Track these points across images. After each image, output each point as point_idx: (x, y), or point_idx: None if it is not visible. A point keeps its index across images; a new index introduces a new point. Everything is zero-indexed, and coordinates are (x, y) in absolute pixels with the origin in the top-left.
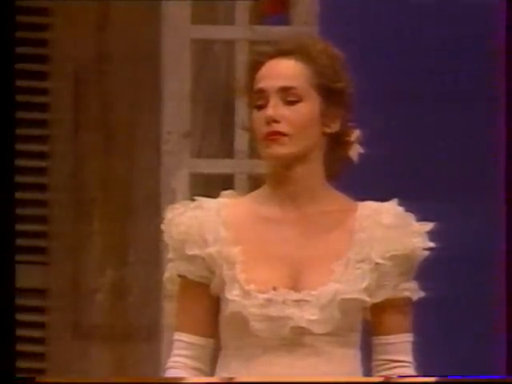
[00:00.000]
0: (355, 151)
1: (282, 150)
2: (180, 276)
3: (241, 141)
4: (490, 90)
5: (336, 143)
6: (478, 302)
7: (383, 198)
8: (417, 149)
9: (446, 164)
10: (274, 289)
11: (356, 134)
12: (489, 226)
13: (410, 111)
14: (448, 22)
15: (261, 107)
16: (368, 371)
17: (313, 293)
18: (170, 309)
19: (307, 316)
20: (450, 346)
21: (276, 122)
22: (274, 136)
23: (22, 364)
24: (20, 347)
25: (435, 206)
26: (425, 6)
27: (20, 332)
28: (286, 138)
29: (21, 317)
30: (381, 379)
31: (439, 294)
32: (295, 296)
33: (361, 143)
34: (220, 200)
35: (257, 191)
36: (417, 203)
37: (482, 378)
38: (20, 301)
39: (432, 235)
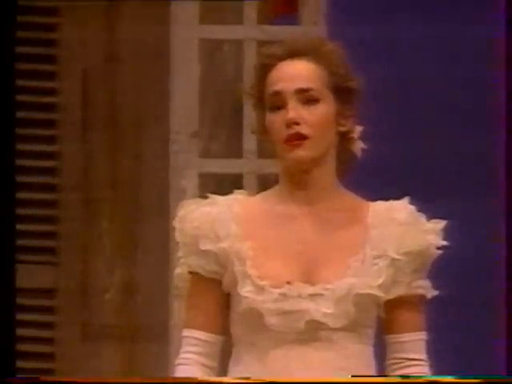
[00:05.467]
0: (358, 147)
1: (304, 154)
2: (191, 272)
3: (249, 141)
4: (490, 92)
5: (342, 140)
6: (478, 302)
7: (384, 199)
8: (418, 150)
9: (447, 164)
10: (288, 283)
11: (358, 130)
12: (489, 226)
13: (414, 111)
14: (449, 22)
15: (277, 110)
16: (381, 369)
17: (328, 286)
18: (179, 308)
19: (323, 309)
20: (450, 345)
21: (297, 124)
22: (296, 140)
23: (30, 364)
24: (29, 347)
25: (436, 206)
26: (431, 5)
27: (29, 332)
28: (307, 142)
29: (30, 317)
30: (397, 378)
31: (438, 294)
32: (310, 290)
33: (362, 139)
34: (233, 197)
35: (269, 190)
36: (416, 203)
37: (482, 378)
38: (29, 301)
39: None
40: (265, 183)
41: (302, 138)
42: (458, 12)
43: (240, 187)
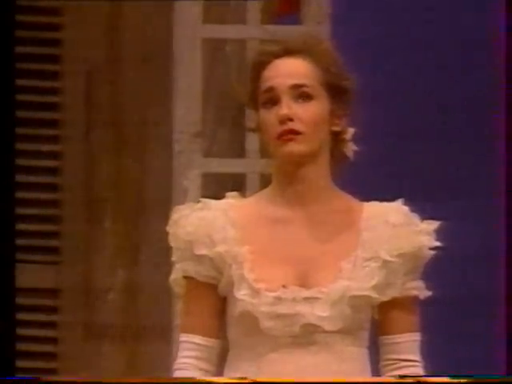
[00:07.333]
0: (350, 149)
1: (297, 147)
2: (187, 277)
3: (252, 140)
4: (490, 91)
5: (335, 141)
6: (478, 302)
7: (382, 199)
8: (417, 150)
9: (446, 164)
10: (284, 287)
11: (351, 132)
12: (488, 226)
13: (414, 110)
14: (451, 22)
15: (270, 106)
16: (375, 371)
17: (323, 290)
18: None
19: (318, 313)
20: (450, 345)
21: (290, 120)
22: (290, 135)
23: (33, 364)
24: (31, 347)
25: (434, 207)
26: (434, 3)
27: (32, 332)
28: (300, 136)
29: (33, 316)
30: (392, 379)
31: (438, 294)
32: (305, 293)
33: (355, 141)
34: (226, 201)
35: (263, 191)
36: (415, 204)
37: (482, 378)
38: (31, 301)
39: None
40: (267, 183)
41: (295, 133)
42: (459, 12)
43: (243, 187)
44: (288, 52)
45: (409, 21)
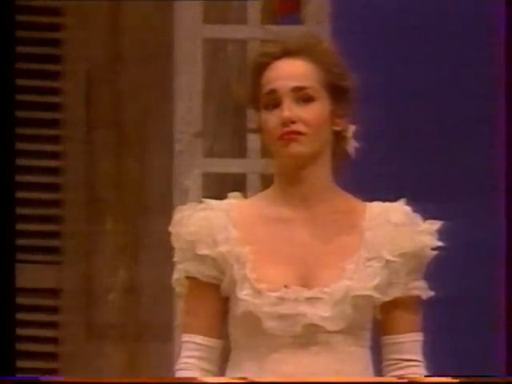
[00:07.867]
0: (351, 146)
1: (300, 148)
2: (189, 277)
3: (253, 140)
4: (491, 91)
5: (336, 140)
6: (478, 302)
7: (384, 199)
8: (416, 149)
9: (446, 164)
10: (286, 287)
11: (352, 128)
12: (489, 227)
13: (414, 109)
14: (451, 22)
15: (272, 108)
16: (378, 371)
17: (325, 290)
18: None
19: (320, 313)
20: (450, 345)
21: (292, 122)
22: (292, 135)
23: (34, 364)
24: (32, 347)
25: (435, 207)
26: (434, 2)
27: (33, 332)
28: (302, 137)
29: (34, 316)
30: (394, 379)
31: (438, 294)
32: (307, 293)
33: (356, 138)
34: (228, 201)
35: (265, 191)
36: (416, 204)
37: (481, 378)
38: (33, 300)
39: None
40: (268, 183)
41: (297, 134)
42: (459, 10)
43: (244, 187)
44: (288, 53)
45: (409, 20)
